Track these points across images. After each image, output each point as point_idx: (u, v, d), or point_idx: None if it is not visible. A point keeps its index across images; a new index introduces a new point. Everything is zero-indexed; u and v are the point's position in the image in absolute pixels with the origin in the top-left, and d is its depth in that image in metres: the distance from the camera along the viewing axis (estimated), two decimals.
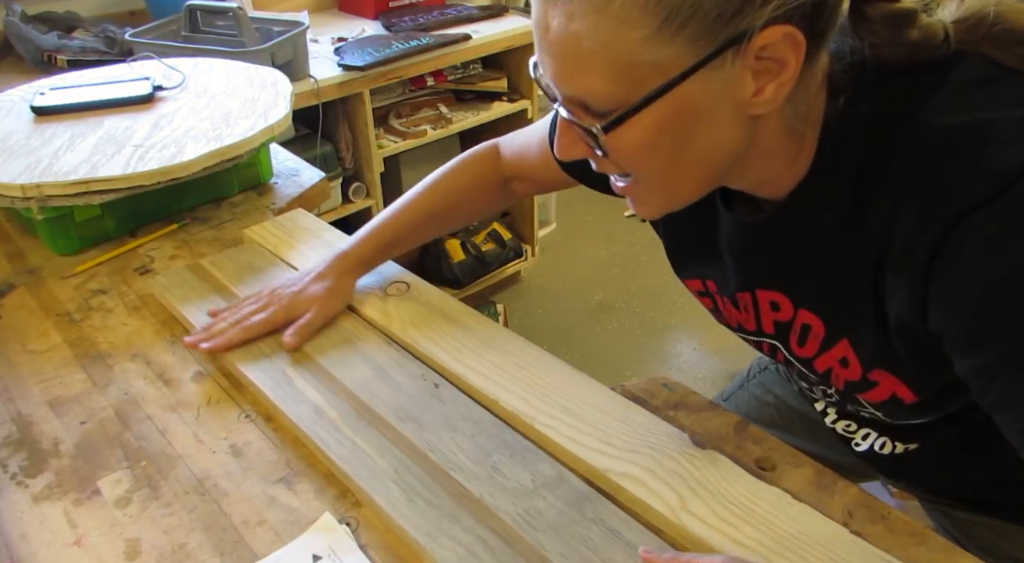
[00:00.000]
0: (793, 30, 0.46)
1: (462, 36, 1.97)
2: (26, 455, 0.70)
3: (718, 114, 0.49)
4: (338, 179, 1.95)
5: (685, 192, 0.56)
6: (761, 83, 0.48)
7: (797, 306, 0.62)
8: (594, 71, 0.47)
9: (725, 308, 0.70)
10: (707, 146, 0.51)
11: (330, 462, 0.66)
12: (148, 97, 1.09)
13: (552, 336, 2.31)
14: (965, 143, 0.47)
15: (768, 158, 0.54)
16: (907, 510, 0.97)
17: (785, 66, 0.47)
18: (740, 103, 0.49)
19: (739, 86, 0.48)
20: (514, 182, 0.89)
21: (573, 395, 0.71)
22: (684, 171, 0.53)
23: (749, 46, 0.46)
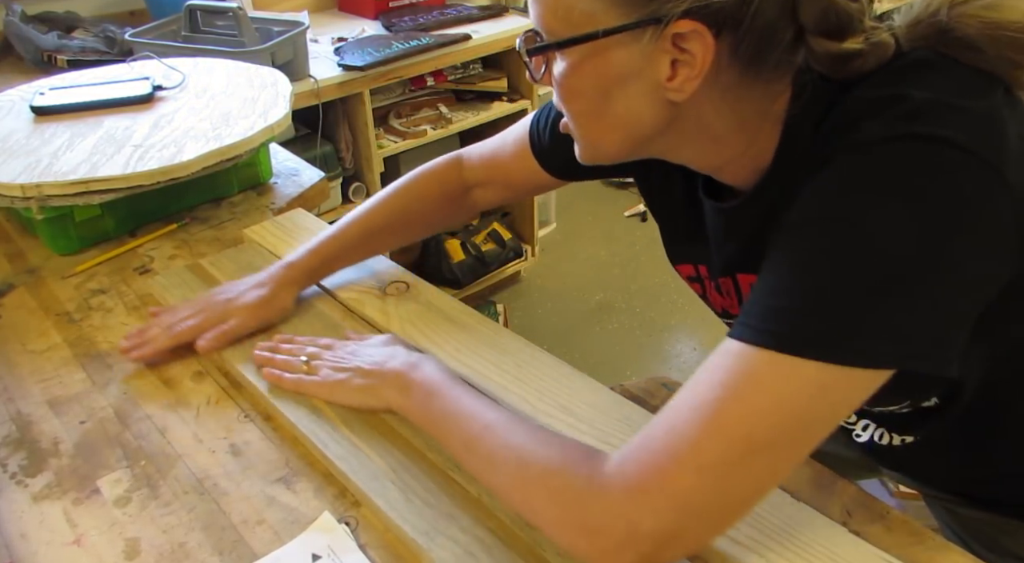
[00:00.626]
0: (702, 29, 0.49)
1: (462, 36, 1.97)
2: (26, 455, 0.70)
3: (634, 84, 0.54)
4: (338, 179, 1.95)
5: (605, 146, 0.59)
6: (676, 71, 0.52)
7: None
8: (547, 4, 0.54)
9: (711, 294, 0.72)
10: (623, 111, 0.55)
11: (328, 462, 0.66)
12: (148, 97, 1.09)
13: (552, 336, 2.31)
14: (863, 113, 0.49)
15: (712, 146, 0.58)
16: (906, 510, 0.97)
17: (694, 60, 0.51)
18: (655, 83, 0.53)
19: (654, 65, 0.52)
20: (478, 190, 0.89)
21: (573, 395, 0.71)
22: (603, 126, 0.57)
23: (666, 30, 0.50)
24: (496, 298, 2.48)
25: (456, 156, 0.89)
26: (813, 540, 0.56)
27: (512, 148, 0.83)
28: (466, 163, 0.88)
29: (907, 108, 0.48)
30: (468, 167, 0.88)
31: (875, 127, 0.48)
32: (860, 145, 0.48)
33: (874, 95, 0.50)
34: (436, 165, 0.90)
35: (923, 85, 0.49)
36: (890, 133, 0.47)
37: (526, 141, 0.80)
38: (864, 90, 0.51)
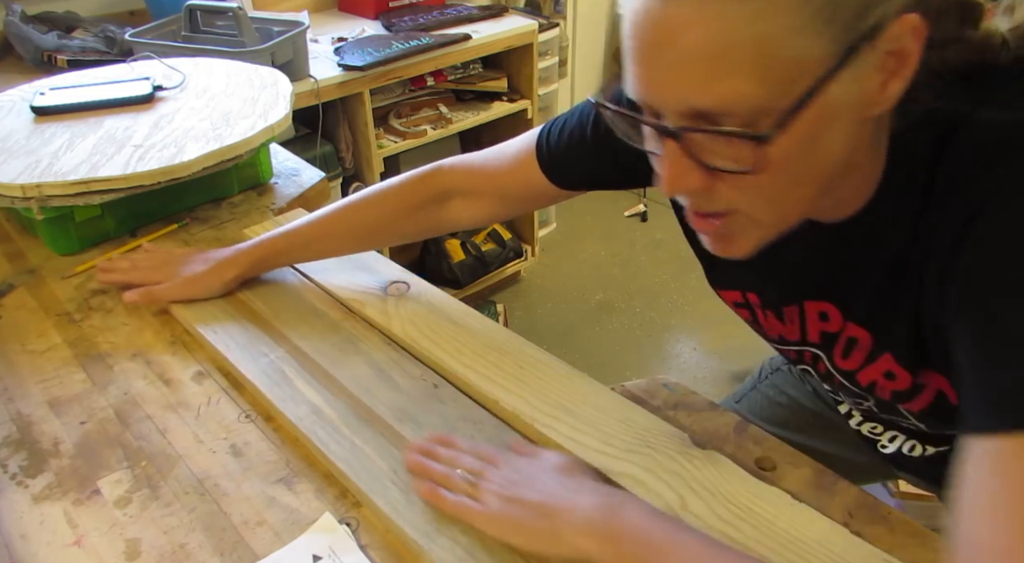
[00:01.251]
0: (919, 18, 0.43)
1: (462, 36, 1.97)
2: (26, 455, 0.70)
3: (845, 118, 0.45)
4: (338, 179, 1.95)
5: (796, 213, 0.50)
6: (884, 78, 0.45)
7: (846, 319, 0.60)
8: (741, 71, 0.42)
9: (767, 320, 0.68)
10: (826, 155, 0.46)
11: (329, 462, 0.66)
12: (148, 97, 1.09)
13: (552, 336, 2.31)
14: (1007, 139, 0.45)
15: (853, 171, 0.51)
16: (907, 510, 0.97)
17: (906, 60, 0.44)
18: (863, 104, 0.45)
19: (867, 84, 0.44)
20: (458, 201, 0.83)
21: (573, 395, 0.71)
22: (802, 187, 0.48)
23: (883, 37, 0.43)
24: (496, 298, 2.48)
25: (435, 166, 0.84)
26: (814, 541, 0.56)
27: (512, 158, 0.78)
28: (447, 172, 0.83)
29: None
30: (450, 176, 0.83)
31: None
32: None
33: (1013, 119, 0.45)
34: (407, 175, 0.85)
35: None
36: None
37: (531, 151, 0.75)
38: (995, 113, 0.46)
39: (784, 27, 0.41)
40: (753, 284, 0.67)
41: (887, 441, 0.74)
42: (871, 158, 0.51)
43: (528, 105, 2.23)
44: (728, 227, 0.51)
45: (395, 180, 0.85)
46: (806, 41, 0.41)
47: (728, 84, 0.42)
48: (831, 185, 0.50)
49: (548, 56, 2.42)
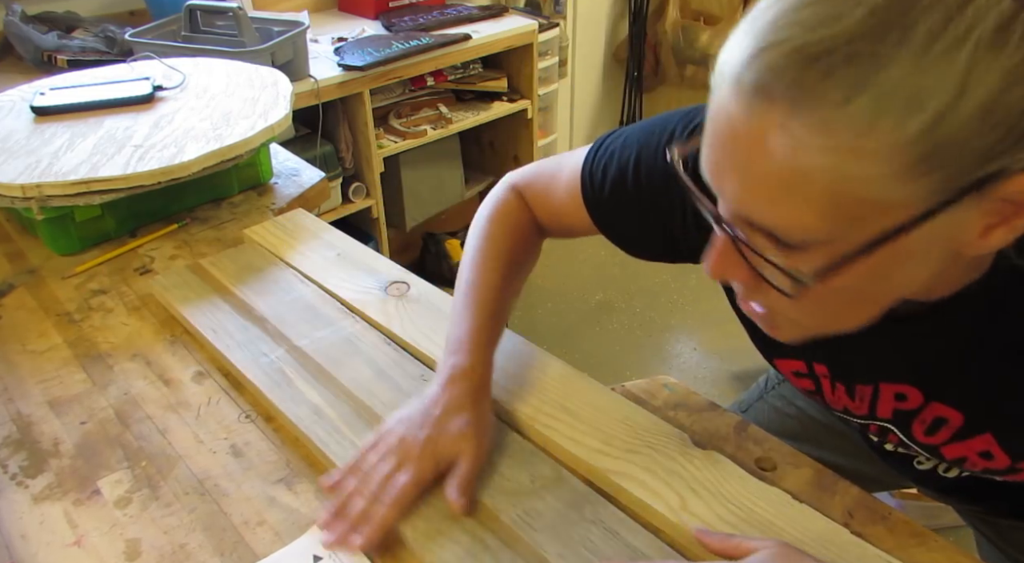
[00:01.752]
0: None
1: (462, 36, 1.97)
2: (26, 455, 0.70)
3: (927, 256, 0.42)
4: (338, 179, 1.95)
5: (847, 326, 0.48)
6: (989, 224, 0.41)
7: (929, 399, 0.58)
8: (806, 203, 0.40)
9: (834, 395, 0.65)
10: (900, 283, 0.44)
11: (330, 463, 0.66)
12: (148, 97, 1.09)
13: (552, 336, 2.31)
14: None
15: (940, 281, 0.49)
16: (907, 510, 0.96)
17: (1021, 211, 0.40)
18: (958, 245, 0.42)
19: (965, 228, 0.41)
20: (546, 229, 0.79)
21: (573, 395, 0.71)
22: (861, 307, 0.46)
23: (996, 189, 0.39)
24: None
25: (512, 190, 0.78)
26: (814, 541, 0.56)
27: (564, 197, 0.72)
28: (527, 199, 0.78)
29: None
30: (530, 204, 0.78)
31: None
32: None
33: None
34: (505, 206, 0.77)
35: None
36: None
37: (575, 192, 0.70)
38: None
39: (868, 173, 0.38)
40: (822, 357, 0.63)
41: (924, 459, 0.72)
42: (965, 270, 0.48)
43: (528, 105, 2.23)
44: (773, 319, 0.50)
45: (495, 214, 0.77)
46: (891, 187, 0.38)
47: (787, 212, 0.40)
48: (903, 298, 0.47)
49: (548, 56, 2.42)
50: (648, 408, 0.70)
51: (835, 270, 0.41)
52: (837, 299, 0.45)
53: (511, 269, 0.74)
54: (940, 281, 0.49)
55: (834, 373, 0.63)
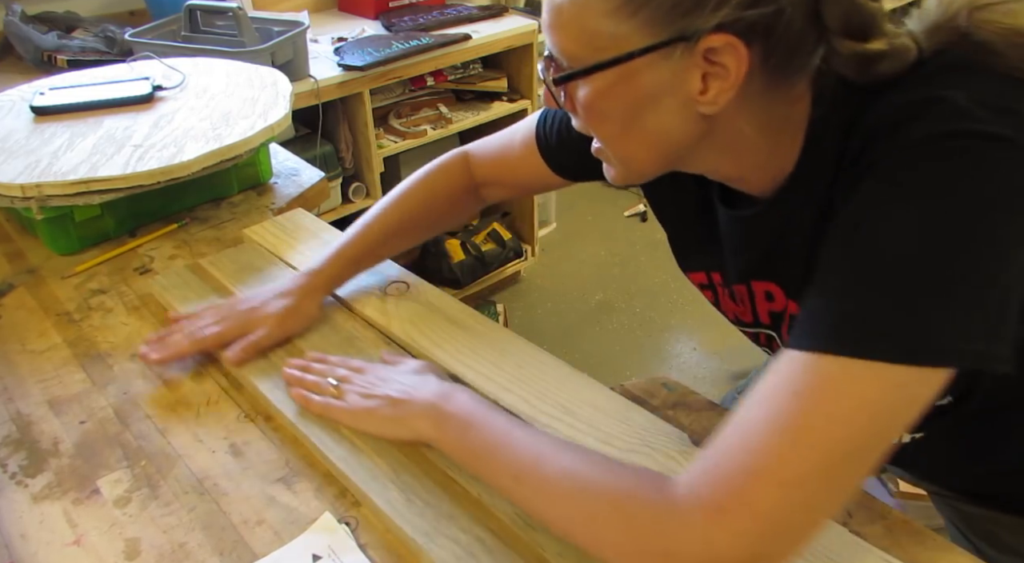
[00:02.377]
0: (736, 41, 0.49)
1: (462, 36, 1.97)
2: (26, 455, 0.70)
3: (665, 101, 0.53)
4: (338, 179, 1.95)
5: (639, 165, 0.59)
6: (707, 85, 0.51)
7: (788, 296, 0.63)
8: (566, 30, 0.53)
9: (724, 300, 0.72)
10: (655, 128, 0.55)
11: (329, 462, 0.66)
12: (148, 97, 1.09)
13: (552, 336, 2.31)
14: (904, 116, 0.49)
15: (738, 155, 0.57)
16: (907, 510, 0.97)
17: (727, 73, 0.50)
18: (687, 98, 0.52)
19: (685, 80, 0.51)
20: (485, 188, 0.89)
21: (573, 395, 0.71)
22: (634, 145, 0.57)
23: (697, 46, 0.49)
24: (496, 298, 2.48)
25: (462, 153, 0.89)
26: (813, 541, 0.56)
27: (520, 148, 0.82)
28: (473, 160, 0.88)
29: (951, 108, 0.47)
30: (476, 164, 0.88)
31: (923, 126, 0.47)
32: (912, 144, 0.47)
33: (909, 98, 0.49)
34: (445, 163, 0.89)
35: (960, 87, 0.48)
36: (942, 130, 0.46)
37: (533, 141, 0.80)
38: (896, 94, 0.50)
39: (596, 7, 0.51)
40: (712, 264, 0.71)
41: None
42: (767, 145, 0.56)
43: (528, 105, 2.23)
44: (600, 153, 0.61)
45: (433, 172, 0.89)
46: (615, 22, 0.51)
47: (558, 35, 0.54)
48: (689, 155, 0.58)
49: None
50: (648, 408, 0.70)
51: (568, 78, 0.54)
52: (605, 124, 0.56)
53: (411, 221, 0.88)
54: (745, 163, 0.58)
55: (723, 279, 0.71)
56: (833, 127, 0.54)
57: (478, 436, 0.61)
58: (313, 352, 0.77)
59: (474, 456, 0.61)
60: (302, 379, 0.72)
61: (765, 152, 0.57)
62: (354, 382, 0.71)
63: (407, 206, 0.88)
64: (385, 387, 0.69)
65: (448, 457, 0.64)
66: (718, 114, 0.53)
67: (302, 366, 0.74)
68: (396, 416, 0.66)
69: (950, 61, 0.51)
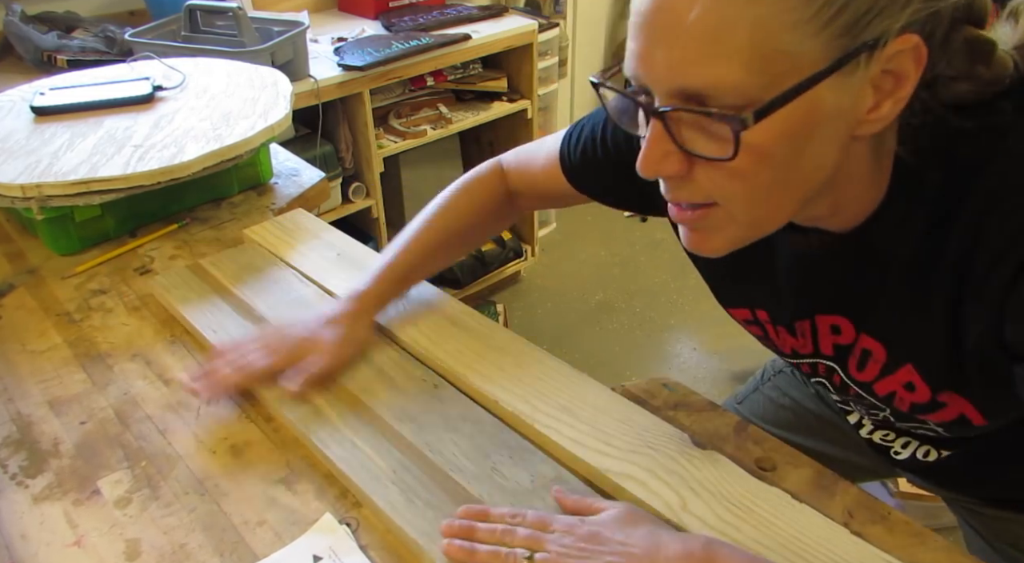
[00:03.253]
0: (920, 42, 0.43)
1: (462, 36, 1.97)
2: (26, 455, 0.70)
3: (833, 128, 0.46)
4: (338, 179, 1.95)
5: (774, 218, 0.51)
6: (878, 98, 0.45)
7: (859, 330, 0.60)
8: (733, 55, 0.42)
9: (779, 336, 0.68)
10: (811, 163, 0.47)
11: (329, 463, 0.66)
12: (148, 97, 1.09)
13: (552, 336, 2.31)
14: None
15: (844, 189, 0.51)
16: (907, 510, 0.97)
17: (904, 81, 0.44)
18: (853, 120, 0.46)
19: (860, 98, 0.45)
20: (519, 198, 0.88)
21: (573, 395, 0.71)
22: (783, 191, 0.48)
23: (882, 53, 0.43)
24: (496, 298, 2.48)
25: (497, 163, 0.87)
26: (814, 541, 0.56)
27: (543, 162, 0.80)
28: (506, 171, 0.87)
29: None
30: (509, 176, 0.87)
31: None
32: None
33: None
34: (481, 173, 0.87)
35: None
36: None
37: (556, 158, 0.78)
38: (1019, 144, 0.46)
39: (781, 20, 0.42)
40: (761, 301, 0.66)
41: (900, 448, 0.74)
42: (870, 175, 0.51)
43: (528, 105, 2.23)
44: (704, 221, 0.51)
45: (471, 183, 0.87)
46: (801, 38, 0.42)
47: (719, 67, 0.43)
48: (816, 195, 0.50)
49: (548, 56, 2.42)
50: (648, 408, 0.70)
51: (764, 114, 0.43)
52: (766, 172, 0.46)
53: (455, 234, 0.85)
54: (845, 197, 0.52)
55: (773, 316, 0.66)
56: (932, 160, 0.49)
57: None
58: (468, 506, 0.59)
59: None
60: (473, 554, 0.56)
61: (867, 183, 0.51)
62: (550, 548, 0.54)
63: (450, 217, 0.85)
64: (602, 550, 0.53)
65: None
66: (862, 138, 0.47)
67: (463, 530, 0.57)
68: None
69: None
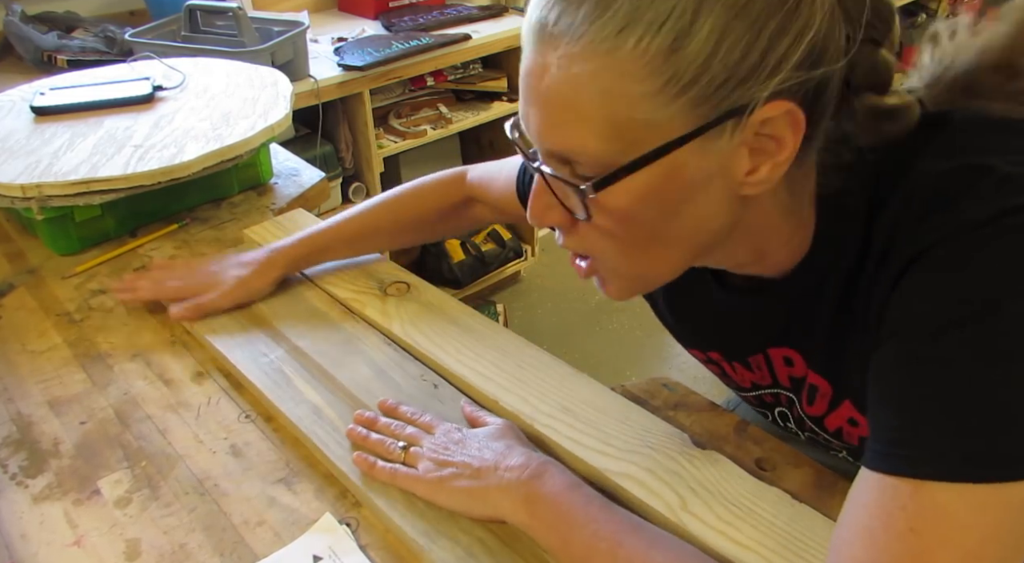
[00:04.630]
0: (795, 108, 0.44)
1: (462, 36, 1.97)
2: (26, 455, 0.70)
3: (708, 190, 0.47)
4: (338, 179, 1.95)
5: (659, 271, 0.53)
6: (756, 162, 0.46)
7: (808, 366, 0.61)
8: (588, 123, 0.44)
9: (736, 373, 0.69)
10: (691, 223, 0.48)
11: (329, 462, 0.66)
12: (148, 97, 1.09)
13: (552, 336, 2.31)
14: (942, 188, 0.45)
15: (760, 239, 0.52)
16: None
17: (783, 146, 0.45)
18: (732, 181, 0.47)
19: (733, 162, 0.46)
20: (477, 205, 0.90)
21: (573, 395, 0.71)
22: (663, 248, 0.50)
23: (750, 120, 0.44)
24: (496, 298, 2.48)
25: (462, 170, 0.90)
26: (814, 541, 0.56)
27: (502, 187, 0.83)
28: (469, 179, 0.89)
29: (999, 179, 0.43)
30: (471, 183, 0.89)
31: (978, 207, 0.42)
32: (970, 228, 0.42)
33: (948, 167, 0.45)
34: (439, 175, 0.90)
35: (996, 150, 0.45)
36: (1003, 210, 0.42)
37: (513, 185, 0.81)
38: (929, 163, 0.46)
39: (628, 91, 0.43)
40: (713, 343, 0.68)
41: None
42: (788, 222, 0.52)
43: None
44: (595, 270, 0.54)
45: (427, 181, 0.90)
46: (653, 108, 0.43)
47: (573, 133, 0.45)
48: (716, 247, 0.52)
49: None
50: (648, 408, 0.70)
51: (608, 183, 0.45)
52: (635, 232, 0.48)
53: (392, 223, 0.89)
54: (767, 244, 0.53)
55: (726, 354, 0.67)
56: (854, 199, 0.49)
57: (577, 526, 0.54)
58: (384, 400, 0.71)
59: (567, 547, 0.54)
60: (365, 439, 0.66)
61: (787, 232, 0.52)
62: (424, 445, 0.64)
63: (387, 209, 0.90)
64: (462, 453, 0.62)
65: (534, 540, 0.57)
66: (756, 196, 0.47)
67: (367, 421, 0.68)
68: (475, 489, 0.59)
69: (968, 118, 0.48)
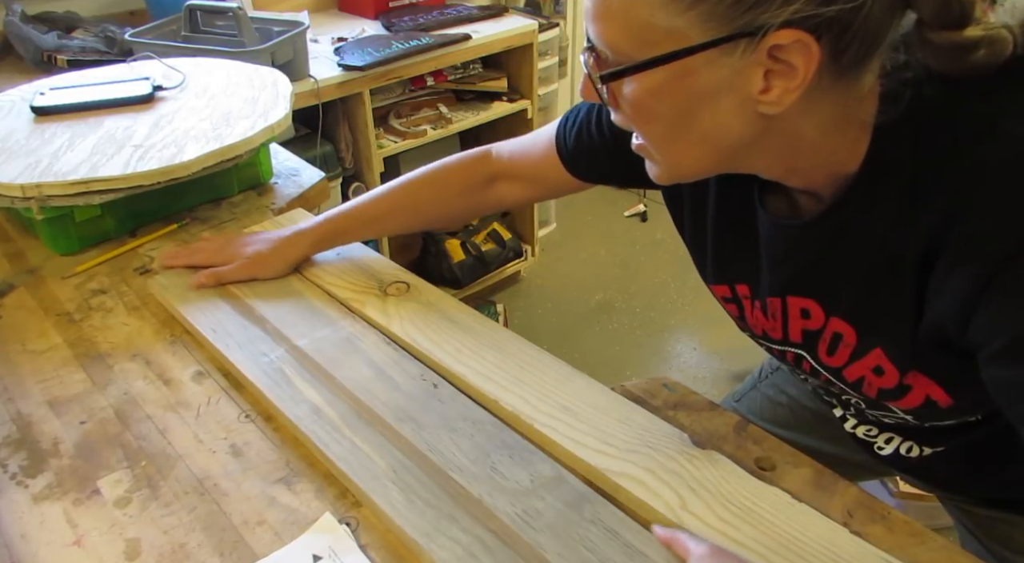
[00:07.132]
0: (807, 38, 0.45)
1: (462, 36, 1.97)
2: (26, 455, 0.70)
3: (723, 100, 0.50)
4: (338, 179, 1.95)
5: (687, 166, 0.56)
6: (770, 83, 0.48)
7: (828, 314, 0.60)
8: (615, 21, 0.49)
9: (753, 315, 0.69)
10: (710, 127, 0.52)
11: (329, 462, 0.66)
12: (148, 97, 1.09)
13: (552, 336, 2.31)
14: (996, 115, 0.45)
15: (795, 156, 0.54)
16: (907, 510, 0.97)
17: (794, 72, 0.47)
18: (746, 97, 0.49)
19: (747, 79, 0.48)
20: (503, 184, 0.88)
21: (573, 395, 0.71)
22: (685, 144, 0.54)
23: (762, 42, 0.46)
24: (496, 298, 2.48)
25: (486, 149, 0.90)
26: (814, 541, 0.56)
27: (542, 147, 0.82)
28: (495, 156, 0.88)
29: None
30: (496, 159, 0.88)
31: None
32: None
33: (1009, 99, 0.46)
34: (461, 156, 0.90)
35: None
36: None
37: (553, 142, 0.80)
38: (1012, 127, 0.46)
39: None
40: (742, 276, 0.68)
41: (883, 443, 0.74)
42: (821, 149, 0.53)
43: (528, 105, 2.23)
44: (642, 149, 0.58)
45: (449, 161, 0.90)
46: (668, 15, 0.47)
47: (605, 27, 0.50)
48: (747, 156, 0.55)
49: (548, 56, 2.42)
50: (648, 408, 0.70)
51: (616, 77, 0.51)
52: (653, 124, 0.53)
53: (413, 203, 0.90)
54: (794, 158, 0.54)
55: (752, 290, 0.67)
56: (908, 130, 0.50)
57: None
58: None
59: None
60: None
61: (825, 153, 0.53)
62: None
63: (409, 190, 0.90)
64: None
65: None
66: (779, 114, 0.50)
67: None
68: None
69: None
